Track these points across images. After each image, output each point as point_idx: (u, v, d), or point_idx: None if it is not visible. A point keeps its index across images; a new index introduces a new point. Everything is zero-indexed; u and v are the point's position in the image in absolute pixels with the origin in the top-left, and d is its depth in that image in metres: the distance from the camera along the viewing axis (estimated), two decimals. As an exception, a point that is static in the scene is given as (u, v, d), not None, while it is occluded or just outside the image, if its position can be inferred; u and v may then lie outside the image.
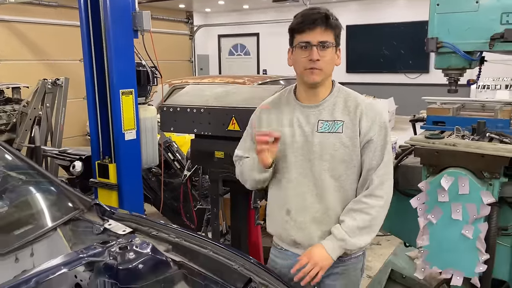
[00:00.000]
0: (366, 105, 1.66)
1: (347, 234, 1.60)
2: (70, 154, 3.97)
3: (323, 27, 1.58)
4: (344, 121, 1.63)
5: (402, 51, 8.67)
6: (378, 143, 1.63)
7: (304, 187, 1.67)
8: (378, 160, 1.63)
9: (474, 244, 1.82)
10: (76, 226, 1.95)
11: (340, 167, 1.64)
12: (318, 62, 1.59)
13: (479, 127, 2.06)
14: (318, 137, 1.64)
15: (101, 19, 2.97)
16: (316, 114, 1.66)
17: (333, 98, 1.67)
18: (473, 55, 2.12)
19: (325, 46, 1.59)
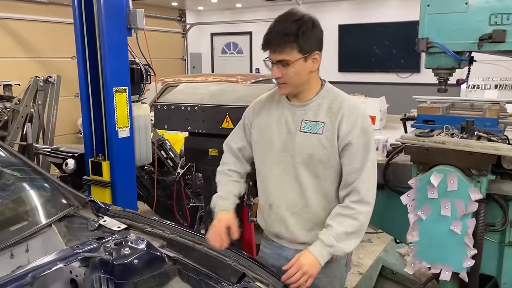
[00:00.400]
0: (349, 108, 1.65)
1: (334, 239, 1.61)
2: (62, 152, 3.96)
3: (277, 49, 1.57)
4: (325, 123, 1.65)
5: (394, 50, 8.74)
6: (358, 147, 1.62)
7: (286, 183, 1.72)
8: (360, 164, 1.63)
9: (462, 239, 1.87)
10: (71, 223, 1.97)
11: (318, 167, 1.67)
12: (280, 78, 1.62)
13: (468, 125, 2.11)
14: (300, 136, 1.67)
15: (95, 16, 2.97)
16: (301, 114, 1.69)
17: (319, 99, 1.69)
18: (462, 55, 2.16)
19: (284, 64, 1.59)
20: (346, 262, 1.83)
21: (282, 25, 1.58)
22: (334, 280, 1.81)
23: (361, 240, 4.63)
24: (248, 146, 1.86)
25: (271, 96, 1.83)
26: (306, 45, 1.59)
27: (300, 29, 1.57)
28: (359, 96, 5.38)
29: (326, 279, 1.80)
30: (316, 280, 1.79)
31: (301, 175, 1.69)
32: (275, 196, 1.75)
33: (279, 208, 1.75)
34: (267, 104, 1.79)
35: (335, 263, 1.77)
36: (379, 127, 4.93)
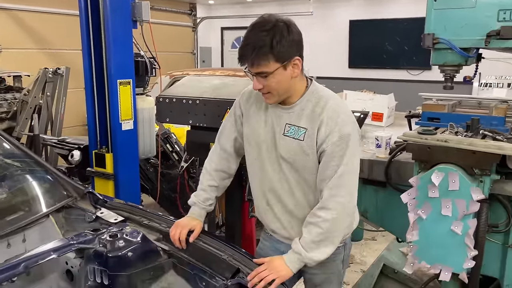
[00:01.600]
0: (329, 114, 1.58)
1: (303, 248, 1.60)
2: (68, 143, 3.98)
3: (253, 62, 1.52)
4: (307, 129, 1.61)
5: (405, 47, 8.62)
6: (333, 154, 1.56)
7: (277, 183, 1.71)
8: (331, 171, 1.57)
9: (463, 240, 1.83)
10: (69, 214, 1.97)
11: (302, 171, 1.65)
12: (262, 89, 1.58)
13: (473, 124, 2.05)
14: (284, 140, 1.65)
15: (100, 8, 2.97)
16: (285, 117, 1.66)
17: (303, 103, 1.63)
18: (469, 51, 2.11)
19: (264, 76, 1.55)
20: (343, 259, 1.82)
21: (255, 37, 1.52)
22: (331, 276, 1.81)
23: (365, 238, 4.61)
24: (240, 138, 1.83)
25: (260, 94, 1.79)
26: (283, 53, 1.52)
27: (274, 38, 1.50)
28: (367, 92, 5.31)
29: (323, 275, 1.79)
30: (313, 276, 1.79)
31: (289, 176, 1.68)
32: (270, 194, 1.75)
33: (275, 206, 1.75)
34: (256, 100, 1.75)
35: (331, 260, 1.75)
36: (386, 124, 4.87)
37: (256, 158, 1.74)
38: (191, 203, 1.86)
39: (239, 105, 1.81)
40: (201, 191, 1.86)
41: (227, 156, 1.86)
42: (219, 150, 1.87)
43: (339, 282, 1.86)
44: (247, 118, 1.76)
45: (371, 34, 8.84)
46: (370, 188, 2.52)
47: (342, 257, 1.81)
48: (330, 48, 9.13)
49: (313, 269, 1.77)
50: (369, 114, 4.84)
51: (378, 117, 4.93)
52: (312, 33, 9.46)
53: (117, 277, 1.60)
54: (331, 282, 1.82)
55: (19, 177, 2.05)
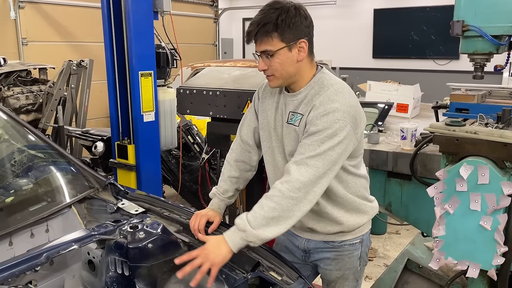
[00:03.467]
0: (323, 100, 1.51)
1: (249, 224, 1.44)
2: (92, 134, 4.04)
3: (259, 39, 1.51)
4: (303, 115, 1.57)
5: (432, 36, 8.39)
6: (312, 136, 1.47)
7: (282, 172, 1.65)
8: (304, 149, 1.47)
9: (492, 236, 1.76)
10: (91, 204, 1.99)
11: None
12: (266, 70, 1.55)
13: (504, 115, 1.96)
14: (287, 129, 1.63)
15: (122, 0, 2.97)
16: (290, 104, 1.63)
17: (307, 91, 1.59)
18: (501, 39, 2.02)
19: (268, 55, 1.52)
20: (360, 255, 1.75)
21: (263, 14, 1.51)
22: (346, 273, 1.76)
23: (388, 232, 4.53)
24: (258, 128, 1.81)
25: None
26: (288, 33, 1.50)
27: (279, 17, 1.48)
28: (392, 83, 5.20)
29: (338, 272, 1.75)
30: (327, 272, 1.76)
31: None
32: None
33: None
34: (272, 90, 1.72)
35: (346, 256, 1.72)
36: (412, 115, 4.76)
37: (269, 147, 1.72)
38: (212, 195, 1.85)
39: (258, 95, 1.79)
40: (222, 182, 1.84)
41: (248, 148, 1.83)
42: (240, 141, 1.86)
43: (355, 279, 1.80)
44: (263, 108, 1.74)
45: (396, 23, 8.64)
46: (394, 181, 2.45)
47: (359, 254, 1.75)
48: (354, 38, 8.98)
49: (327, 266, 1.74)
50: (393, 105, 4.75)
51: (403, 108, 4.84)
52: (335, 22, 9.32)
53: (138, 268, 1.59)
54: (346, 279, 1.77)
55: (42, 168, 2.08)
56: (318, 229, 1.69)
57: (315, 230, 1.70)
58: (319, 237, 1.73)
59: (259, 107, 1.76)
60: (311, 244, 1.75)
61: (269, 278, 1.55)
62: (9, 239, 1.72)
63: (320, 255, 1.76)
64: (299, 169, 1.46)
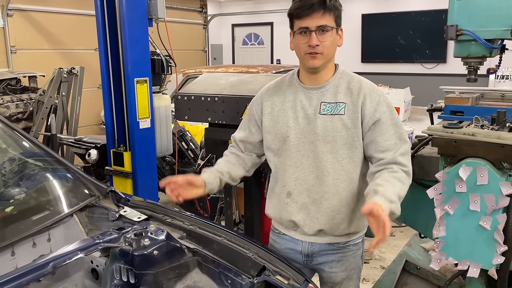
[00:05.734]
0: (369, 87, 1.64)
1: (395, 197, 1.46)
2: (85, 142, 4.01)
3: (321, 11, 1.55)
4: (346, 103, 1.62)
5: (418, 40, 8.51)
6: (388, 122, 1.60)
7: (306, 170, 1.67)
8: (396, 139, 1.59)
9: (492, 235, 1.80)
10: (92, 213, 1.97)
11: (342, 149, 1.62)
12: (318, 47, 1.58)
13: (499, 116, 2.01)
14: (321, 119, 1.63)
15: (116, 7, 2.97)
16: (318, 96, 1.65)
17: (336, 80, 1.66)
18: (494, 43, 2.07)
19: (324, 30, 1.57)
20: (361, 254, 1.80)
21: None
22: (351, 274, 1.78)
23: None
24: (252, 137, 1.81)
25: (280, 82, 1.78)
26: (339, 17, 1.61)
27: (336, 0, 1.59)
28: (383, 86, 5.26)
29: (343, 273, 1.76)
30: (333, 275, 1.77)
31: (324, 160, 1.63)
32: (295, 184, 1.69)
33: (300, 196, 1.69)
34: (277, 91, 1.74)
35: (351, 257, 1.73)
36: (404, 118, 4.82)
37: (279, 148, 1.71)
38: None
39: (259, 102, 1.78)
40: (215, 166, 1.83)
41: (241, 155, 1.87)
42: (234, 149, 1.89)
43: (358, 278, 1.84)
44: (270, 110, 1.73)
45: (383, 28, 8.75)
46: (392, 184, 2.48)
47: (361, 253, 1.79)
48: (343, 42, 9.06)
49: (332, 268, 1.75)
50: (385, 108, 4.81)
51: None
52: (323, 28, 9.39)
53: (143, 276, 1.59)
54: (351, 279, 1.79)
55: (42, 177, 2.06)
56: (328, 230, 1.69)
57: (324, 232, 1.70)
58: (324, 239, 1.72)
59: (264, 112, 1.74)
60: (315, 248, 1.74)
61: (275, 282, 1.55)
62: (11, 250, 1.70)
63: (324, 258, 1.75)
64: (407, 158, 1.60)
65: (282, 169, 1.72)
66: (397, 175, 1.55)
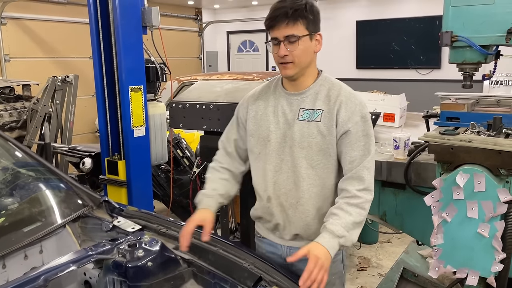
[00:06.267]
0: (347, 95, 1.64)
1: (345, 230, 1.54)
2: (79, 151, 3.98)
3: (285, 21, 1.55)
4: (323, 110, 1.63)
5: (412, 46, 8.55)
6: (358, 134, 1.60)
7: (284, 174, 1.68)
8: (362, 151, 1.60)
9: (490, 243, 1.78)
10: (85, 223, 1.94)
11: (317, 155, 1.64)
12: (287, 57, 1.59)
13: (495, 123, 2.00)
14: (299, 125, 1.65)
15: (110, 15, 2.95)
16: (298, 102, 1.67)
17: (317, 87, 1.67)
18: (489, 49, 2.06)
19: (292, 40, 1.57)
20: (342, 259, 1.79)
21: (285, 3, 1.57)
22: (333, 279, 1.75)
23: (380, 241, 4.55)
24: (241, 141, 1.82)
25: (266, 87, 1.80)
26: (312, 23, 1.60)
27: (307, 4, 1.58)
28: (378, 93, 5.26)
29: None
30: None
31: (299, 165, 1.65)
32: (274, 188, 1.71)
33: (279, 200, 1.71)
34: (262, 96, 1.77)
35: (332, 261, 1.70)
36: (399, 124, 4.81)
37: (260, 152, 1.72)
38: (198, 200, 1.77)
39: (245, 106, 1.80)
40: (208, 184, 1.81)
41: (231, 156, 1.85)
42: (224, 152, 1.87)
43: (341, 283, 1.83)
44: (254, 114, 1.75)
45: (378, 34, 8.79)
46: (389, 191, 2.47)
47: (341, 258, 1.78)
48: (337, 49, 9.09)
49: None
50: (380, 115, 4.80)
51: (390, 117, 4.89)
52: (318, 34, 9.44)
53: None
54: (333, 284, 1.77)
55: (34, 187, 2.02)
56: (304, 235, 1.70)
57: (300, 236, 1.71)
58: (301, 243, 1.70)
59: (249, 116, 1.76)
60: (294, 252, 1.71)
61: (272, 293, 1.53)
62: (2, 262, 1.66)
63: (303, 262, 1.70)
64: (369, 172, 1.60)
65: (262, 173, 1.73)
66: (354, 201, 1.57)
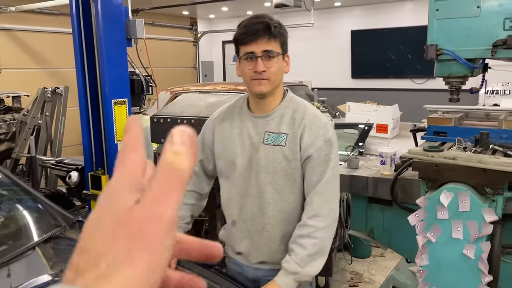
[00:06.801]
0: (311, 118, 1.60)
1: (298, 265, 1.51)
2: (66, 164, 3.91)
3: (266, 37, 1.53)
4: (288, 134, 1.59)
5: (409, 55, 8.53)
6: (319, 159, 1.56)
7: (250, 199, 1.64)
8: (319, 177, 1.56)
9: (476, 264, 1.71)
10: (58, 244, 1.88)
11: (282, 180, 1.59)
12: (264, 73, 1.54)
13: (482, 138, 1.95)
14: (264, 149, 1.60)
15: (93, 27, 2.91)
16: (264, 125, 1.62)
17: (282, 109, 1.62)
18: (475, 62, 2.02)
19: (270, 56, 1.54)
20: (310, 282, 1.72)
21: (264, 19, 1.55)
22: None
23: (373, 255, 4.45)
24: (207, 161, 1.77)
25: (231, 107, 1.74)
26: (285, 43, 1.59)
27: (281, 24, 1.58)
28: (371, 103, 5.22)
29: None
30: None
31: (265, 191, 1.60)
32: (239, 212, 1.67)
33: (244, 225, 1.67)
34: (228, 116, 1.71)
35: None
36: (392, 136, 4.76)
37: (228, 175, 1.68)
38: None
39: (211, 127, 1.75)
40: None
41: (197, 177, 1.80)
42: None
43: None
44: (220, 136, 1.70)
45: (373, 43, 8.78)
46: (376, 207, 2.40)
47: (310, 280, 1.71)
48: (332, 58, 9.08)
49: None
50: (373, 126, 4.75)
51: (383, 128, 4.84)
52: (314, 44, 9.42)
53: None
54: None
55: (5, 208, 1.96)
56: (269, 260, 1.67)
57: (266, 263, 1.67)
58: (268, 266, 1.68)
59: (215, 137, 1.72)
60: (260, 273, 1.71)
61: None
62: (-35, 288, 1.59)
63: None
64: (321, 197, 1.54)
65: (229, 196, 1.69)
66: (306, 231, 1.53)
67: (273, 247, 1.64)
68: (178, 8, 8.34)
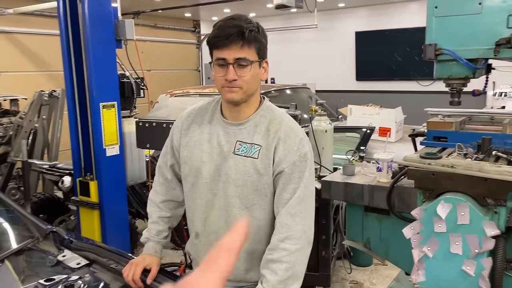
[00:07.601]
0: (287, 131, 1.46)
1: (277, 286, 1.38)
2: (59, 168, 3.83)
3: (239, 43, 1.37)
4: (261, 146, 1.44)
5: (415, 57, 8.35)
6: (292, 175, 1.42)
7: (216, 211, 1.50)
8: (291, 194, 1.42)
9: (476, 282, 1.57)
10: (30, 257, 1.77)
11: (252, 195, 1.45)
12: (236, 81, 1.40)
13: (484, 144, 1.81)
14: (234, 160, 1.46)
15: (80, 27, 2.81)
16: (236, 134, 1.48)
17: (257, 118, 1.48)
18: (477, 63, 1.88)
19: (243, 64, 1.39)
20: None
21: (241, 22, 1.38)
22: None
23: (374, 263, 4.30)
24: (177, 166, 1.63)
25: (203, 110, 1.59)
26: (262, 49, 1.44)
27: (259, 27, 1.43)
28: (373, 106, 5.07)
29: None
30: None
31: (232, 204, 1.47)
32: (203, 224, 1.53)
33: (208, 238, 1.53)
34: (198, 119, 1.56)
35: None
36: (396, 139, 4.61)
37: (193, 184, 1.54)
38: (144, 240, 1.66)
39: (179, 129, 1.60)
40: (152, 225, 1.66)
41: (171, 185, 1.67)
42: (162, 179, 1.68)
43: None
44: (187, 140, 1.55)
45: (378, 45, 8.61)
46: (372, 216, 2.26)
47: None
48: (336, 60, 8.93)
49: None
50: (376, 129, 4.60)
51: (386, 132, 4.69)
52: (317, 46, 9.28)
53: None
54: None
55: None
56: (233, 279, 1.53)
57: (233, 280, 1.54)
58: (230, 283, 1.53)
59: (182, 141, 1.57)
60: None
61: None
62: None
63: None
64: (293, 218, 1.42)
65: (193, 206, 1.55)
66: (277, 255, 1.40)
67: (236, 265, 1.50)
68: (180, 10, 8.25)
